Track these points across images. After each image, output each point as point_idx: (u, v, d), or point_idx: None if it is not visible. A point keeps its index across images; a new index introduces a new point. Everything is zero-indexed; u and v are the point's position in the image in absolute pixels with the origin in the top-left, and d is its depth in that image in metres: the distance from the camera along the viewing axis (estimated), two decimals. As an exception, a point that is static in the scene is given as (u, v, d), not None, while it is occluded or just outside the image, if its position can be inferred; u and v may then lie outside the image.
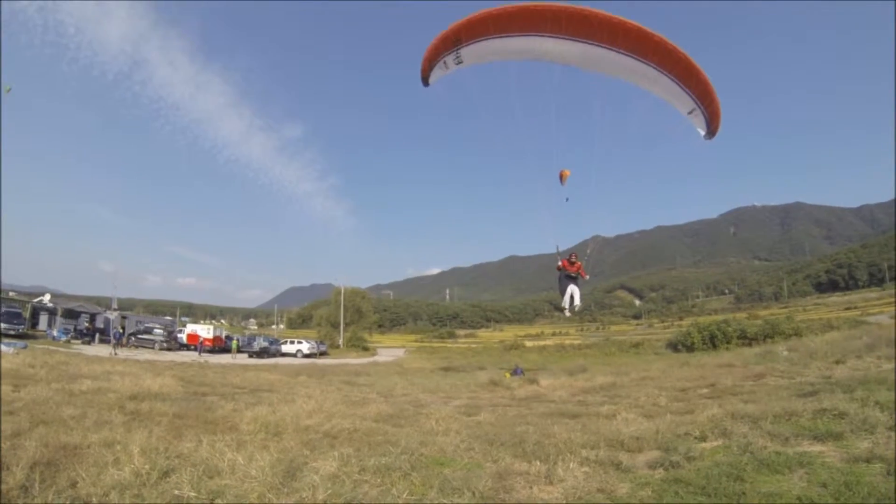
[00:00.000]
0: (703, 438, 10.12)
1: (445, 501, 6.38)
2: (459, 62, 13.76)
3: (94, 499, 5.95)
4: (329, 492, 6.29)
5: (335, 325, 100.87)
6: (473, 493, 6.74)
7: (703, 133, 14.04)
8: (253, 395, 17.77)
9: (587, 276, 16.68)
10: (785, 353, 30.59)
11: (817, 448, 8.72)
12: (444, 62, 13.79)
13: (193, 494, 6.20)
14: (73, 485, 6.35)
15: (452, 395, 20.16)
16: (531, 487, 7.25)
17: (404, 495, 6.57)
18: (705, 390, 18.50)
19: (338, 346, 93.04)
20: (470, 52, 13.52)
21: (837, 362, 21.61)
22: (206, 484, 6.58)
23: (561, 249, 16.30)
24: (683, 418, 12.36)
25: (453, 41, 13.32)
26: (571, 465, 8.16)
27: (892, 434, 8.92)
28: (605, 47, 12.80)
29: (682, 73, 13.01)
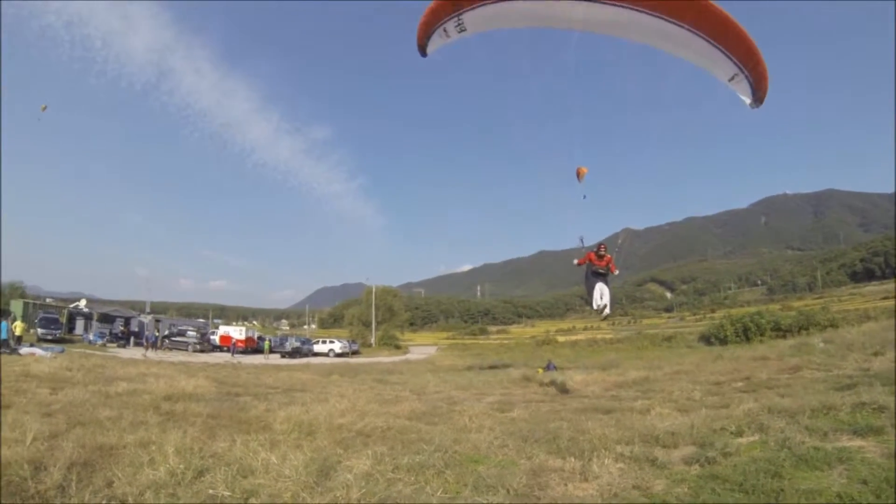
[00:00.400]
0: (740, 433, 9.90)
1: (480, 500, 6.33)
2: (462, 30, 12.33)
3: (129, 498, 5.99)
4: (363, 490, 6.26)
5: (367, 324, 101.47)
6: (508, 491, 6.70)
7: (748, 101, 12.26)
8: (286, 395, 17.84)
9: (617, 271, 16.25)
10: (821, 344, 29.99)
11: (857, 443, 8.50)
12: (444, 29, 12.36)
13: (228, 493, 6.23)
14: (110, 484, 6.40)
15: (485, 392, 20.11)
16: (566, 484, 7.18)
17: (438, 493, 6.54)
18: (740, 384, 18.24)
19: (370, 345, 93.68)
20: (474, 17, 11.99)
21: (876, 354, 21.15)
22: (240, 483, 6.61)
23: (587, 243, 16.11)
24: (718, 413, 12.19)
25: (454, 5, 11.88)
26: (606, 462, 8.07)
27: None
28: (629, 7, 11.31)
29: (721, 32, 11.38)
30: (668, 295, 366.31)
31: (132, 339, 54.23)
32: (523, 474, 7.48)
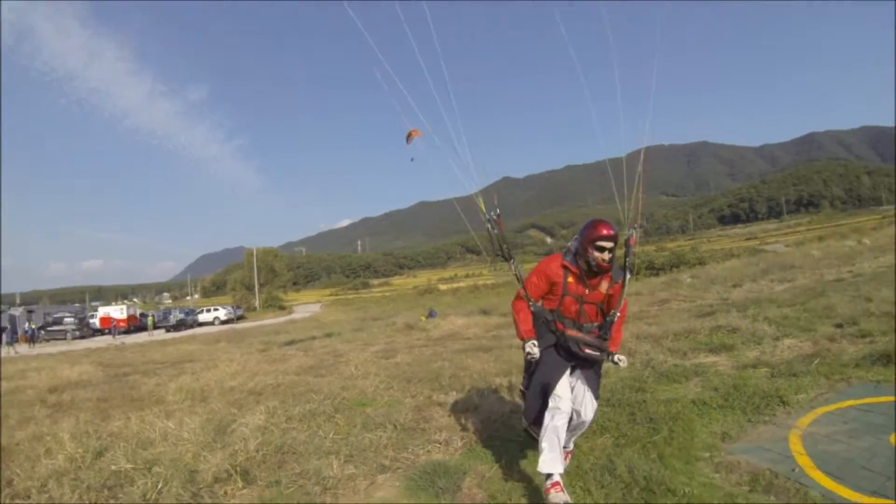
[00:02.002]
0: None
1: (369, 434, 6.93)
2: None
3: (33, 491, 6.05)
4: (260, 440, 6.71)
5: (250, 288, 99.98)
6: (395, 426, 7.33)
7: None
8: (175, 368, 17.72)
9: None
10: (688, 280, 33.08)
11: (711, 359, 9.98)
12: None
13: (130, 466, 6.37)
14: (9, 483, 6.41)
15: (370, 342, 20.60)
16: (449, 416, 7.89)
17: (331, 435, 7.09)
18: (615, 317, 19.57)
19: (254, 309, 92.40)
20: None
21: (735, 286, 23.76)
22: (141, 455, 6.73)
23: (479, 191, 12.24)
24: None
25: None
26: (486, 393, 8.94)
27: (777, 343, 10.30)
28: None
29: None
30: (549, 240, 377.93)
31: (2, 336, 51.02)
32: (409, 411, 8.17)
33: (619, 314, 5.11)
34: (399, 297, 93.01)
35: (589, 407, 5.14)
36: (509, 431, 6.97)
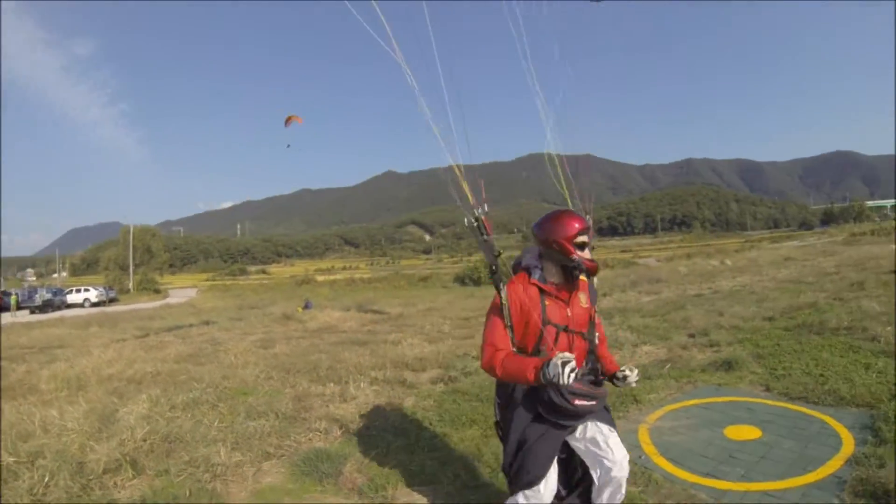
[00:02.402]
0: (479, 358, 11.77)
1: (253, 423, 7.29)
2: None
3: None
4: (147, 429, 6.88)
5: (124, 268, 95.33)
6: (277, 415, 7.72)
7: None
8: (45, 354, 17.08)
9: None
10: None
11: None
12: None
13: (13, 460, 6.18)
14: None
15: (248, 332, 20.58)
16: (328, 406, 8.34)
17: (216, 424, 7.38)
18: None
19: (128, 291, 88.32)
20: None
21: (604, 295, 25.00)
22: (22, 447, 6.53)
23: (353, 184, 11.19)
24: (464, 342, 14.06)
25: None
26: (362, 385, 9.45)
27: (636, 349, 11.42)
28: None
29: None
30: (428, 237, 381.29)
31: None
32: (289, 400, 8.57)
33: (598, 335, 3.98)
34: (276, 285, 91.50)
35: (618, 453, 3.67)
36: (384, 421, 7.54)
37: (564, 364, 3.07)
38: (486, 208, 4.07)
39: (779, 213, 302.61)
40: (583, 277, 3.91)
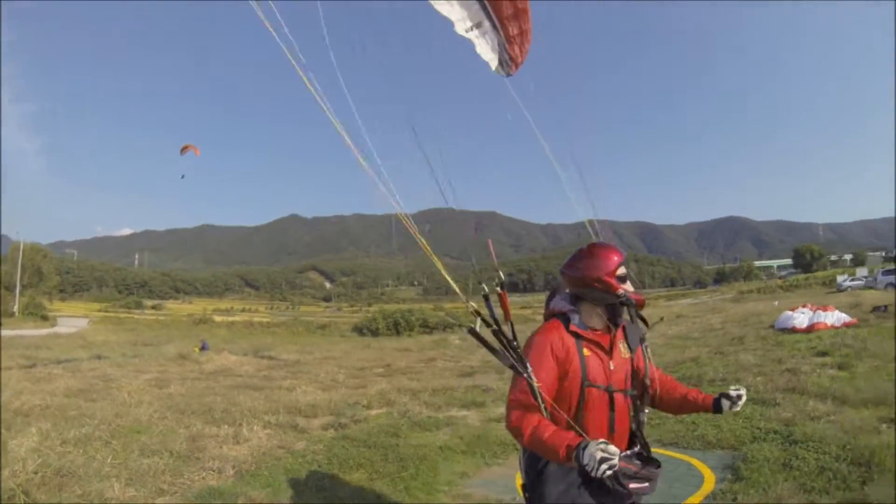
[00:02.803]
0: (370, 406, 12.45)
1: (147, 460, 7.48)
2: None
3: None
4: (39, 462, 6.98)
5: (10, 289, 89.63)
6: (171, 453, 7.94)
7: (493, 64, 6.67)
8: None
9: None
10: (457, 341, 35.57)
11: (463, 413, 11.71)
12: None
13: None
14: None
15: (142, 370, 20.30)
16: (221, 447, 8.59)
17: (109, 460, 7.52)
18: (381, 370, 21.07)
19: (12, 314, 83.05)
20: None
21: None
22: None
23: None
24: (357, 391, 14.68)
25: None
26: (255, 428, 9.77)
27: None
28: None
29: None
30: (328, 285, 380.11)
31: None
32: (183, 440, 8.78)
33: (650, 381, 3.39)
34: (173, 322, 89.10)
35: None
36: (276, 463, 7.92)
37: (602, 461, 2.52)
38: (503, 277, 3.48)
39: (675, 272, 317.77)
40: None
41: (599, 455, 2.51)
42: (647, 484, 3.08)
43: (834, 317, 21.10)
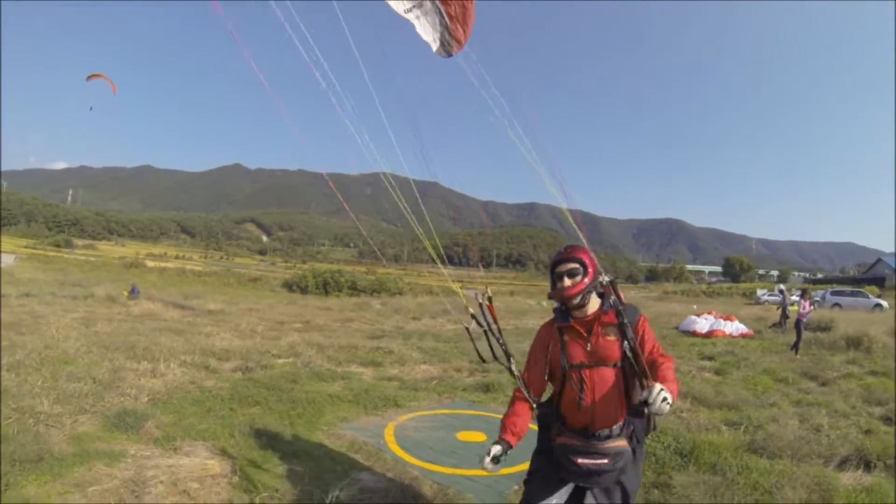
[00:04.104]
0: (279, 356, 13.79)
1: (73, 385, 8.71)
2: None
3: None
4: None
5: None
6: (94, 380, 9.18)
7: (434, 45, 5.99)
8: None
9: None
10: (378, 306, 37.13)
11: (361, 370, 13.17)
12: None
13: None
14: None
15: (70, 309, 21.06)
16: (140, 379, 9.84)
17: (39, 383, 8.70)
18: (299, 325, 22.26)
19: None
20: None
21: (414, 318, 27.42)
22: None
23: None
24: (270, 342, 15.81)
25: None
26: (172, 366, 11.08)
27: (417, 367, 13.71)
28: None
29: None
30: (265, 238, 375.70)
31: None
32: (106, 371, 10.01)
33: (663, 356, 3.58)
34: (104, 264, 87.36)
35: None
36: (185, 395, 9.30)
37: (486, 454, 3.51)
38: (489, 294, 4.08)
39: (610, 264, 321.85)
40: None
41: (487, 449, 3.51)
42: (604, 460, 3.36)
43: (733, 326, 22.95)
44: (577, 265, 3.66)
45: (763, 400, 10.95)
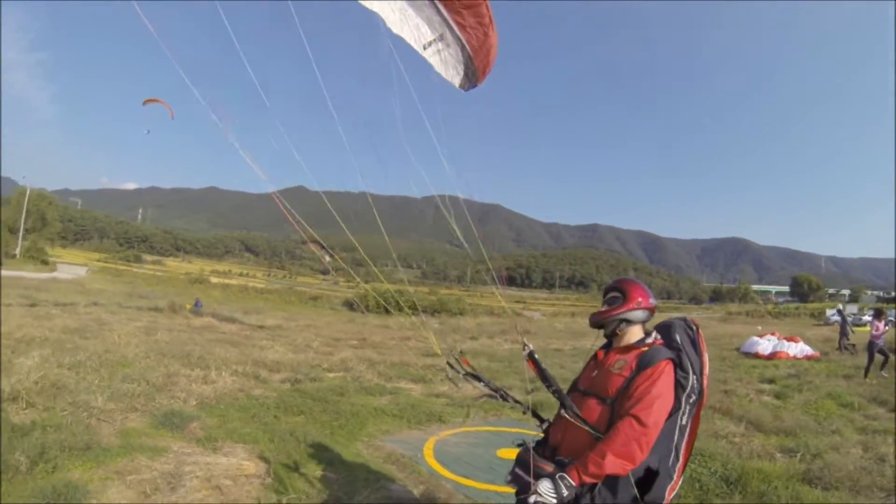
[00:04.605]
0: (330, 370, 14.05)
1: (127, 385, 9.11)
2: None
3: None
4: (41, 374, 8.61)
5: (13, 232, 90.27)
6: (147, 383, 9.58)
7: (457, 80, 6.39)
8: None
9: None
10: (436, 325, 37.22)
11: (410, 386, 13.29)
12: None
13: None
14: None
15: (134, 318, 21.71)
16: (191, 384, 10.22)
17: (96, 382, 9.15)
18: (355, 342, 22.42)
19: (13, 256, 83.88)
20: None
21: (472, 338, 27.63)
22: None
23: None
24: (323, 357, 16.16)
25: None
26: (223, 374, 11.41)
27: (463, 385, 13.70)
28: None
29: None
30: (327, 258, 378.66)
31: None
32: (160, 375, 10.42)
33: (623, 416, 3.20)
34: (170, 279, 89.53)
35: None
36: (232, 401, 9.58)
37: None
38: (461, 351, 4.23)
39: (673, 286, 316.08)
40: (644, 347, 3.52)
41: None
42: (530, 480, 3.23)
43: (797, 348, 21.81)
44: (616, 294, 3.69)
45: (824, 426, 10.21)
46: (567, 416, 3.46)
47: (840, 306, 53.22)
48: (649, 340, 3.56)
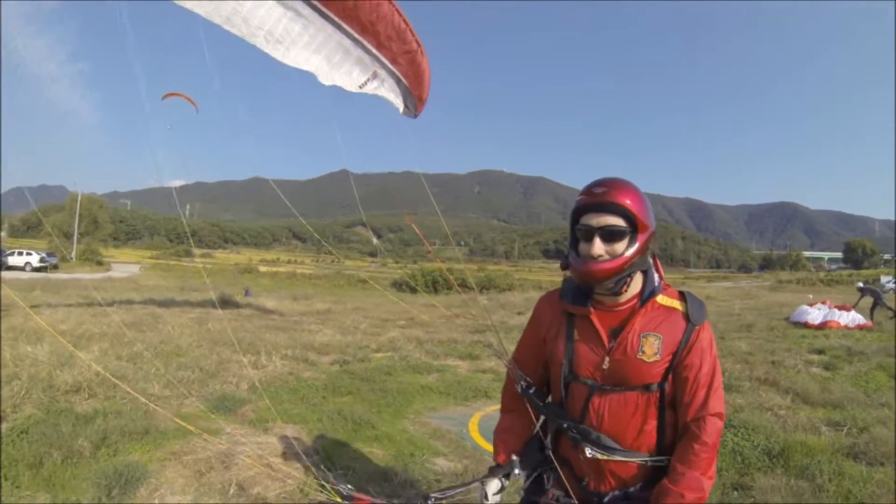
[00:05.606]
0: (378, 350, 14.33)
1: (182, 373, 9.53)
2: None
3: None
4: (101, 366, 9.04)
5: (68, 236, 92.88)
6: (201, 370, 10.02)
7: (400, 108, 7.42)
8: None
9: None
10: (484, 301, 37.50)
11: (457, 363, 13.38)
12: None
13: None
14: None
15: (187, 310, 22.28)
16: (242, 370, 10.57)
17: (152, 371, 9.59)
18: (403, 322, 22.61)
19: (69, 260, 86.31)
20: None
21: (519, 313, 27.42)
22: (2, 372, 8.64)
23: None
24: (371, 338, 16.43)
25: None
26: (274, 358, 11.76)
27: (500, 360, 13.85)
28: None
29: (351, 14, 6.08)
30: (375, 240, 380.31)
31: None
32: (213, 363, 10.84)
33: (698, 421, 2.20)
34: (220, 271, 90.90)
35: None
36: (282, 384, 9.95)
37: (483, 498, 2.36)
38: None
39: (721, 254, 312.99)
40: (664, 300, 2.32)
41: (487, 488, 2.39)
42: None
43: (849, 317, 21.02)
44: (620, 221, 2.16)
45: (874, 399, 9.82)
46: (596, 455, 2.30)
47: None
48: (656, 282, 2.34)
